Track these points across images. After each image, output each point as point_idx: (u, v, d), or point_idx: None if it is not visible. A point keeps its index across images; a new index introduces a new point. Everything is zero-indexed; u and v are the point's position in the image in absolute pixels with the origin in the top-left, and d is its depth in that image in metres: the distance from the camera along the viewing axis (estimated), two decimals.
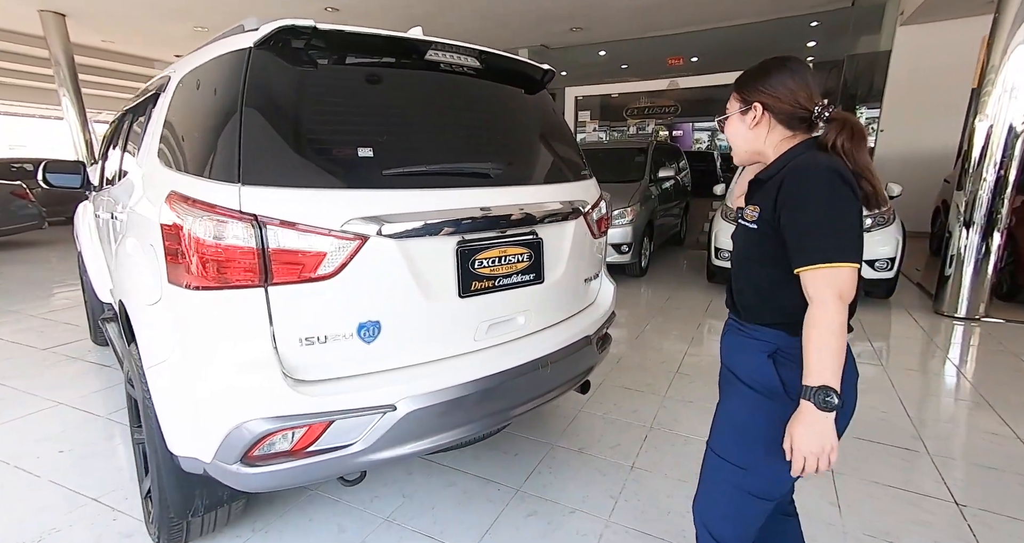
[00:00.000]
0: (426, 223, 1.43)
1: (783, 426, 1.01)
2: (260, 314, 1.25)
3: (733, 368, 1.16)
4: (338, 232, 1.30)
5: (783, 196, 1.00)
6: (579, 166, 2.04)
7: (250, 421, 1.25)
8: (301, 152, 1.32)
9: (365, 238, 1.33)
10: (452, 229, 1.49)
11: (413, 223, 1.41)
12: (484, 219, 1.56)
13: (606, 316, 2.11)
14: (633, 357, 3.52)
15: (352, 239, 1.32)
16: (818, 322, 0.94)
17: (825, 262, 0.94)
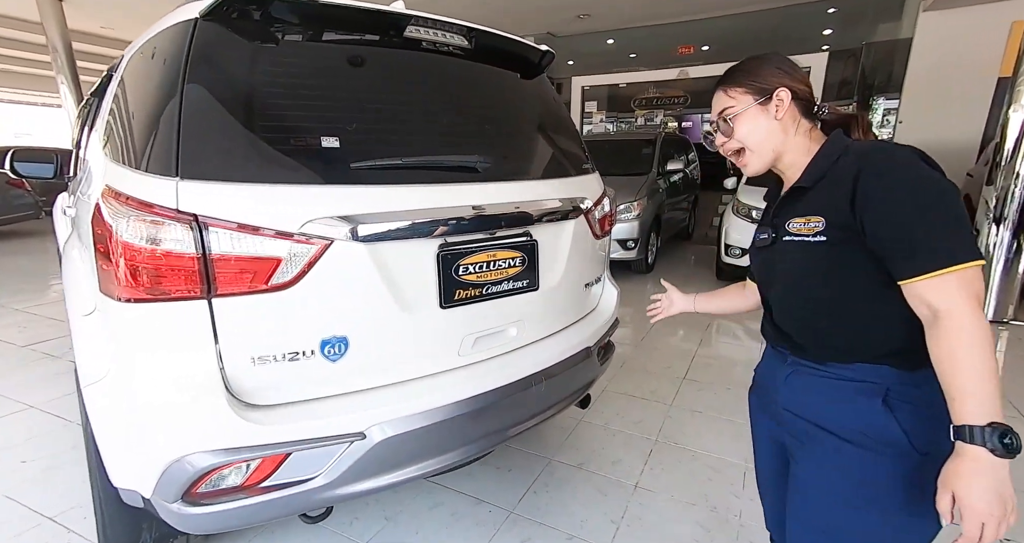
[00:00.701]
0: (401, 224, 1.24)
1: (911, 489, 0.82)
2: (203, 330, 1.07)
3: (821, 421, 0.92)
4: (296, 235, 1.11)
5: (869, 192, 0.80)
6: (580, 159, 1.84)
7: (192, 454, 1.08)
8: (253, 141, 1.13)
9: (328, 242, 1.15)
10: (432, 231, 1.30)
11: (386, 224, 1.22)
12: (470, 220, 1.37)
13: (609, 324, 1.92)
14: (637, 360, 3.33)
15: (312, 243, 1.13)
16: (962, 339, 0.74)
17: (952, 264, 0.75)
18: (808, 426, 0.94)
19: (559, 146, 1.79)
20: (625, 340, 3.72)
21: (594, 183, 1.85)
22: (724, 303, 1.34)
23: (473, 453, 1.45)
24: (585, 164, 1.84)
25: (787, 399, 0.99)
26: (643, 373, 3.13)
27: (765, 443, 1.12)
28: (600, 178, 1.94)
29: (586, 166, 1.84)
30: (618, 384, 2.97)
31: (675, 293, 1.41)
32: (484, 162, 1.40)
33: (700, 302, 1.38)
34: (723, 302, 1.34)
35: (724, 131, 0.99)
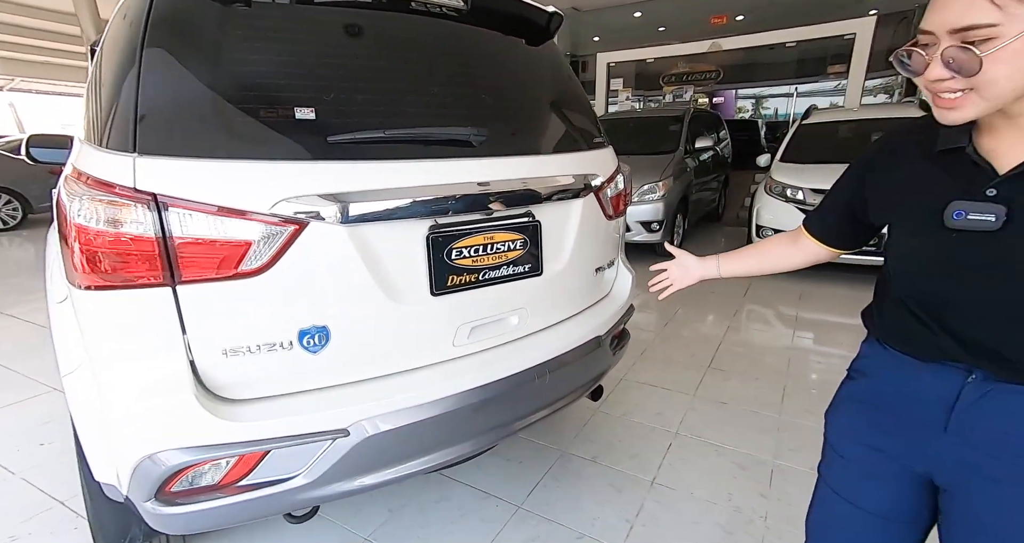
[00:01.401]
0: (385, 204, 1.14)
1: None
2: (168, 320, 0.99)
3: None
4: (266, 216, 1.02)
5: None
6: (592, 133, 1.68)
7: (162, 452, 1.01)
8: (220, 113, 1.03)
9: (303, 224, 1.05)
10: (421, 212, 1.19)
11: (367, 204, 1.11)
12: (464, 199, 1.25)
13: (622, 311, 1.78)
14: (659, 348, 3.18)
15: (285, 225, 1.03)
16: None
17: None
18: (1012, 460, 0.75)
19: (567, 119, 1.64)
20: (647, 327, 3.56)
21: (607, 159, 1.70)
22: (762, 262, 1.11)
23: (471, 450, 1.36)
24: (597, 138, 1.69)
25: (972, 428, 0.78)
26: (665, 362, 2.98)
27: (885, 481, 0.89)
28: (614, 153, 1.78)
29: (598, 140, 1.69)
30: (638, 373, 2.84)
31: (687, 258, 1.20)
32: (479, 135, 1.27)
33: (728, 263, 1.15)
34: (761, 261, 1.11)
35: (962, 63, 0.63)
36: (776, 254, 1.09)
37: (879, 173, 0.86)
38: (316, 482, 1.12)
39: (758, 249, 1.13)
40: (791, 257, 1.07)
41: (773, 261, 1.10)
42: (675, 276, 1.23)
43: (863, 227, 0.94)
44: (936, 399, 0.80)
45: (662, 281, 1.25)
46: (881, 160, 0.86)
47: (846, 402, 0.96)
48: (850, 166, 0.93)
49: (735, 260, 1.14)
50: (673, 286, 1.24)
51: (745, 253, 1.14)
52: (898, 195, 0.83)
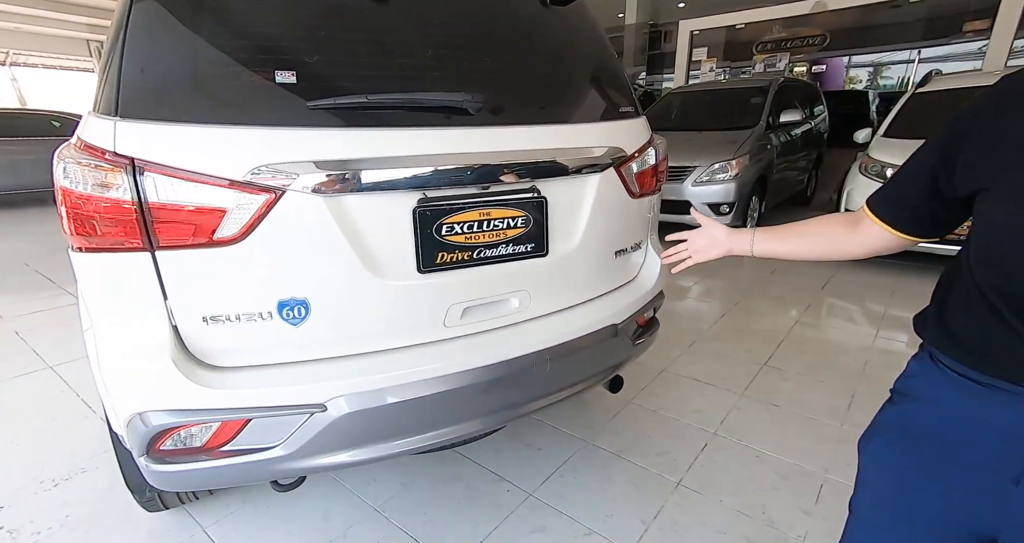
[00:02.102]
0: (367, 175, 1.09)
1: None
2: (150, 285, 1.01)
3: None
4: (241, 183, 1.00)
5: None
6: (619, 102, 1.53)
7: (149, 411, 1.05)
8: (201, 76, 1.02)
9: (279, 192, 1.03)
10: (407, 184, 1.13)
11: (347, 175, 1.07)
12: (456, 170, 1.17)
13: (648, 298, 1.63)
14: (712, 341, 2.94)
15: (260, 193, 1.01)
16: None
17: None
18: None
19: (589, 86, 1.49)
20: (701, 317, 3.32)
21: (635, 130, 1.53)
22: (809, 244, 0.92)
23: (462, 434, 1.31)
24: (625, 107, 1.53)
25: None
26: (715, 355, 2.76)
27: (927, 534, 0.73)
28: (647, 125, 1.61)
29: (626, 110, 1.53)
30: (682, 365, 2.64)
31: (717, 228, 1.05)
32: (475, 102, 1.18)
33: (765, 240, 0.97)
34: (807, 243, 0.92)
35: None
36: (827, 237, 0.90)
37: (982, 126, 0.66)
38: (294, 454, 1.13)
39: (805, 229, 0.94)
40: (846, 242, 0.88)
41: (823, 246, 0.91)
42: (698, 247, 1.09)
43: (945, 205, 0.73)
44: (1010, 436, 0.62)
45: (680, 252, 1.11)
46: (986, 110, 0.66)
47: (885, 430, 0.80)
48: (941, 127, 0.73)
49: (775, 238, 0.97)
50: (693, 259, 1.10)
51: (788, 231, 0.96)
52: (1003, 151, 0.63)
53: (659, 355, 2.72)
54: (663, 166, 1.64)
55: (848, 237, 0.88)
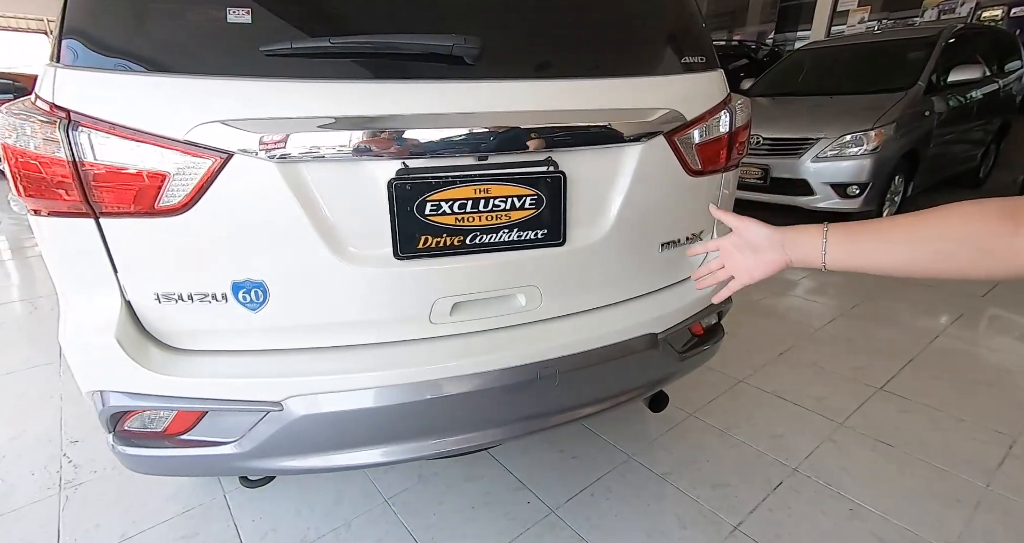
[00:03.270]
0: (329, 138, 0.90)
1: None
2: (98, 254, 0.92)
3: None
4: (181, 144, 0.86)
5: None
6: (683, 47, 1.17)
7: (106, 391, 0.99)
8: (146, 17, 0.88)
9: (227, 156, 0.88)
10: (380, 151, 0.93)
11: (303, 136, 0.89)
12: (446, 135, 0.94)
13: (704, 304, 1.30)
14: (812, 350, 2.45)
15: (204, 155, 0.87)
16: None
17: None
18: None
19: (638, 25, 1.15)
20: (804, 318, 2.79)
21: (701, 87, 1.18)
22: (935, 252, 0.59)
23: (448, 449, 1.13)
24: (691, 56, 1.17)
25: None
26: (813, 369, 2.28)
27: None
28: (722, 81, 1.24)
29: (691, 60, 1.17)
30: (766, 378, 2.22)
31: (753, 230, 0.74)
32: (469, 47, 0.92)
33: (847, 244, 0.66)
34: (931, 250, 0.59)
35: None
36: (966, 241, 0.56)
37: None
38: (249, 454, 1.02)
39: (925, 225, 0.60)
40: (1004, 251, 0.53)
41: (958, 256, 0.57)
42: (736, 265, 0.76)
43: None
44: None
45: (715, 271, 0.80)
46: None
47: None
48: None
49: (866, 239, 0.64)
50: (737, 279, 0.78)
51: (894, 230, 0.62)
52: None
53: (736, 361, 2.32)
54: (743, 136, 1.26)
55: (1009, 242, 0.52)
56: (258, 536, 1.49)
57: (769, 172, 3.86)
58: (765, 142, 3.88)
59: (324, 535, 1.50)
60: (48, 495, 1.67)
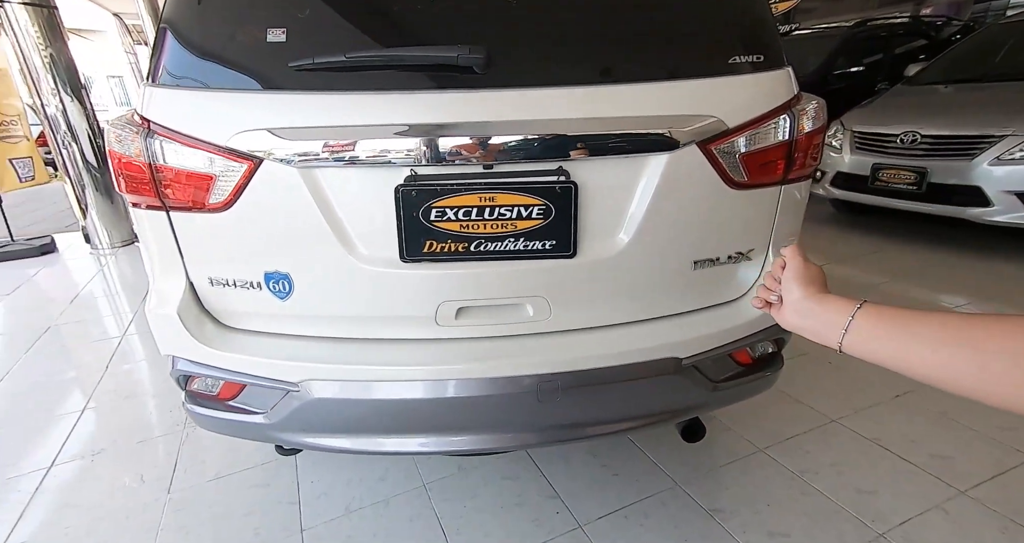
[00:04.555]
0: (339, 145, 0.97)
1: None
2: (170, 241, 1.11)
3: None
4: (223, 150, 1.00)
5: None
6: (731, 44, 1.03)
7: (176, 357, 1.19)
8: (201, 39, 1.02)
9: (258, 161, 1.00)
10: (388, 158, 0.98)
11: (317, 144, 0.97)
12: (450, 143, 0.96)
13: (756, 328, 1.15)
14: (938, 398, 2.01)
15: (241, 160, 1.00)
16: None
17: None
18: None
19: (670, 27, 1.03)
20: None
21: (751, 90, 1.03)
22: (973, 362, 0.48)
23: (448, 449, 1.16)
24: (743, 56, 1.03)
25: None
26: (940, 421, 1.88)
27: None
28: (786, 80, 1.07)
29: (742, 60, 1.03)
30: (869, 423, 1.88)
31: (793, 285, 0.69)
32: (475, 58, 0.92)
33: (868, 331, 0.58)
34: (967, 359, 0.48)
35: None
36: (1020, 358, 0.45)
37: None
38: (276, 426, 1.15)
39: (978, 328, 0.49)
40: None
41: (1002, 375, 0.46)
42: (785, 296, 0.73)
43: None
44: None
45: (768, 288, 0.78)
46: None
47: None
48: None
49: (900, 329, 0.54)
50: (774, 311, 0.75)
51: (938, 326, 0.52)
52: None
53: (833, 397, 2.01)
54: (810, 144, 1.09)
55: None
56: (313, 496, 1.68)
57: (926, 176, 3.22)
58: (924, 140, 3.24)
59: (365, 507, 1.63)
60: (175, 430, 2.05)
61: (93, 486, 1.75)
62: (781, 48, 1.07)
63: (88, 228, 4.52)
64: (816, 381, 2.13)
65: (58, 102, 4.21)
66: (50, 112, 4.24)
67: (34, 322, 3.10)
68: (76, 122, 4.30)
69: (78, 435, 2.03)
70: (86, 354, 2.70)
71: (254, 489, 1.72)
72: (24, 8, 3.93)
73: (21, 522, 1.61)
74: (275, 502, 1.65)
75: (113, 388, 2.36)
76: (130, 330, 2.95)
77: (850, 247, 3.72)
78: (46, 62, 4.11)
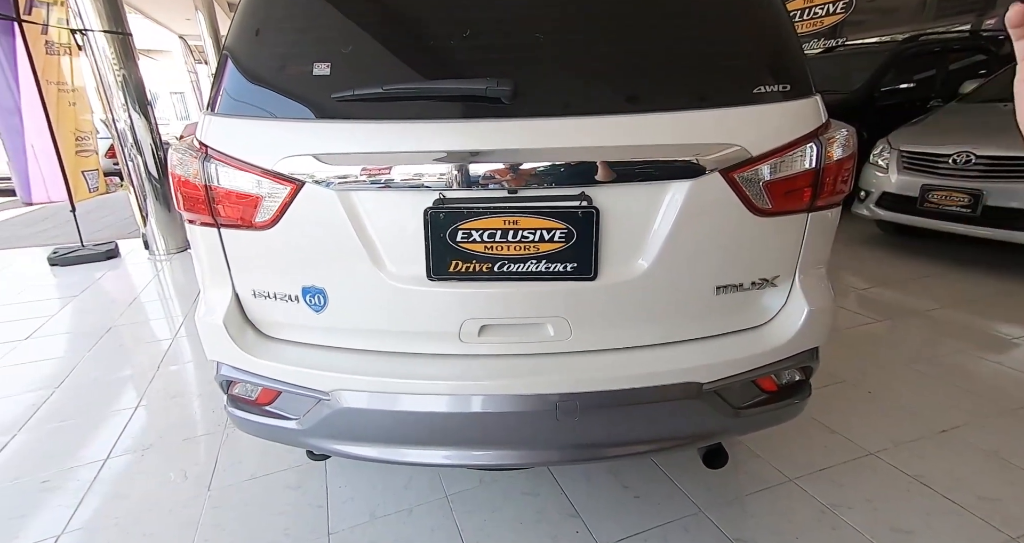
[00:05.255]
0: (375, 170, 1.03)
1: None
2: (220, 255, 1.20)
3: None
4: (270, 173, 1.08)
5: None
6: (755, 77, 1.05)
7: (220, 362, 1.28)
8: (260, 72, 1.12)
9: (300, 184, 1.07)
10: (418, 182, 1.04)
11: (353, 169, 1.04)
12: (475, 169, 1.01)
13: (781, 355, 1.14)
14: (990, 435, 1.91)
15: (285, 183, 1.08)
16: None
17: None
18: None
19: (695, 58, 1.05)
20: (1004, 394, 2.17)
21: (776, 118, 1.04)
22: None
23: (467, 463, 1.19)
24: (768, 85, 1.04)
25: None
26: (990, 460, 1.78)
27: None
28: (814, 107, 1.07)
29: (768, 89, 1.04)
30: (911, 458, 1.80)
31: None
32: (502, 89, 0.97)
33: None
34: None
35: None
36: None
37: None
38: (307, 432, 1.21)
39: None
40: None
41: None
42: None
43: None
44: None
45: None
46: None
47: None
48: None
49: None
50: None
51: None
52: None
53: (872, 429, 1.93)
54: (837, 171, 1.08)
55: None
56: (341, 500, 1.74)
57: (981, 199, 3.07)
58: (980, 161, 3.10)
59: (389, 514, 1.68)
60: (216, 430, 2.16)
61: (142, 479, 1.87)
62: (809, 77, 1.08)
63: (148, 235, 4.84)
64: (853, 410, 2.06)
65: (127, 117, 4.55)
66: (120, 127, 4.58)
67: (97, 322, 3.33)
68: (142, 136, 4.63)
69: (131, 430, 2.17)
70: (141, 354, 2.88)
71: (286, 490, 1.79)
72: (104, 35, 4.29)
73: (81, 508, 1.74)
74: (305, 505, 1.72)
75: (163, 387, 2.51)
76: (180, 333, 3.13)
77: (897, 271, 3.57)
78: (119, 81, 4.46)
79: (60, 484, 1.86)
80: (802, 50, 1.10)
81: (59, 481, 1.87)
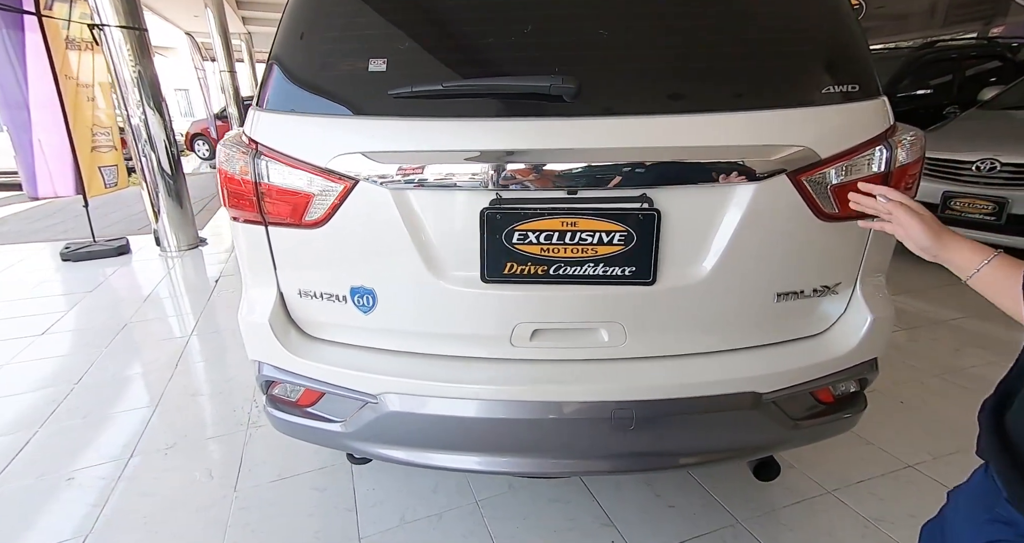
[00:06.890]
0: (432, 169, 1.01)
1: None
2: (265, 254, 1.17)
3: None
4: (323, 171, 1.05)
5: None
6: (824, 78, 1.02)
7: (263, 362, 1.25)
8: (309, 68, 1.09)
9: (353, 182, 1.05)
10: (476, 182, 1.01)
11: (410, 168, 1.01)
12: (535, 170, 0.99)
13: (841, 365, 1.11)
14: None
15: (338, 181, 1.05)
16: None
17: None
18: None
19: (762, 58, 1.03)
20: None
21: (845, 120, 1.01)
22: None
23: (518, 470, 1.16)
24: (836, 86, 1.01)
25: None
26: None
27: None
28: (882, 110, 1.05)
29: (836, 90, 1.01)
30: (950, 471, 1.77)
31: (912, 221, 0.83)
32: (567, 87, 0.95)
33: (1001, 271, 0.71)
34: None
35: None
36: None
37: None
38: (352, 435, 1.18)
39: None
40: None
41: None
42: (902, 219, 0.83)
43: None
44: None
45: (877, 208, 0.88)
46: None
47: None
48: None
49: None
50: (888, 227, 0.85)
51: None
52: None
53: (910, 441, 1.90)
54: (904, 175, 1.05)
55: None
56: (369, 503, 1.71)
57: (1006, 207, 3.04)
58: (1005, 168, 3.07)
59: (419, 519, 1.65)
60: (239, 430, 2.13)
61: (167, 478, 1.84)
62: (876, 77, 1.05)
63: (159, 231, 4.81)
64: (888, 421, 2.02)
65: (141, 113, 4.53)
66: (134, 123, 4.56)
67: (111, 319, 3.30)
68: (155, 132, 4.61)
69: (152, 428, 2.15)
70: (157, 351, 2.85)
71: (313, 492, 1.76)
72: (120, 30, 4.27)
73: (106, 507, 1.71)
74: (333, 507, 1.69)
75: (182, 385, 2.49)
76: (195, 331, 3.11)
77: (919, 279, 3.54)
78: (134, 77, 4.44)
79: (85, 481, 1.83)
80: (869, 50, 1.07)
81: (84, 478, 1.85)
